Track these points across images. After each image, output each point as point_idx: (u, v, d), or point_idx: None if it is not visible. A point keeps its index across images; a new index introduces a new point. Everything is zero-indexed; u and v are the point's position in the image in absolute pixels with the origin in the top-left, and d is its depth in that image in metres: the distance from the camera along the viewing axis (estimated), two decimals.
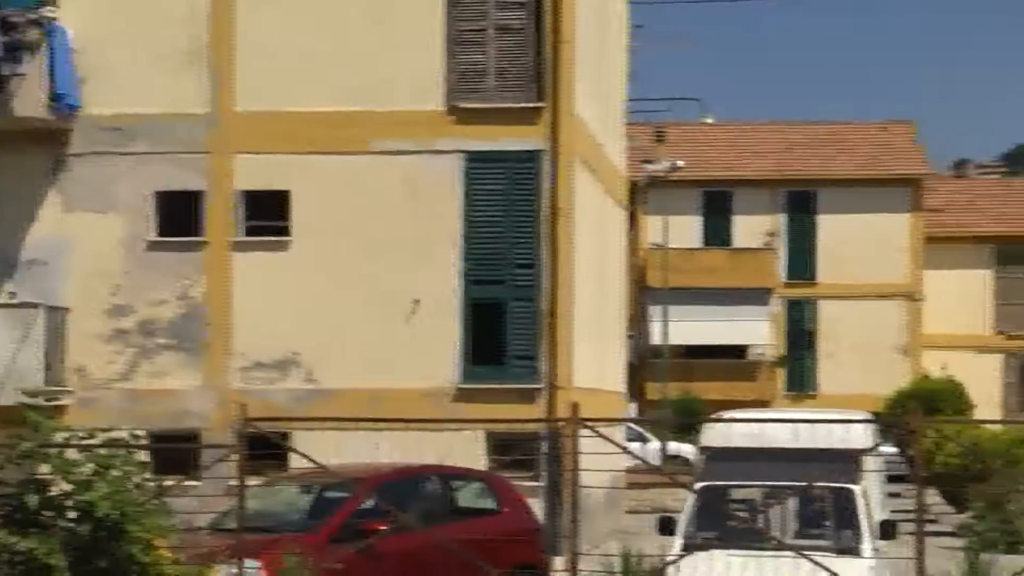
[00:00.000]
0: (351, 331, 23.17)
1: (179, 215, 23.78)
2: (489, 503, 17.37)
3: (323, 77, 23.45)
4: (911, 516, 13.73)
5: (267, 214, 23.66)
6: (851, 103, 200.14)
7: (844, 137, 57.60)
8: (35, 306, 22.68)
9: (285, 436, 16.96)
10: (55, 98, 22.81)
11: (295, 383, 23.24)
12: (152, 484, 13.40)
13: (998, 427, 32.34)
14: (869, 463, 16.19)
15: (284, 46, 23.50)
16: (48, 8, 22.98)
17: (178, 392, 23.45)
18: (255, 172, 23.65)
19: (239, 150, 23.62)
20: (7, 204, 23.66)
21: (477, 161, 23.35)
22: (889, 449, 19.20)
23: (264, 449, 15.33)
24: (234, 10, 23.65)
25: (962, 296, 57.32)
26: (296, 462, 16.20)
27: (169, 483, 14.26)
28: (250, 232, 23.71)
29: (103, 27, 23.64)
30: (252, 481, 14.57)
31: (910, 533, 13.34)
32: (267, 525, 14.88)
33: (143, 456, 13.61)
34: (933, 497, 27.99)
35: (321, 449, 15.64)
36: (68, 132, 23.58)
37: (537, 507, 19.16)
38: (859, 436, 16.37)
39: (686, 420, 39.00)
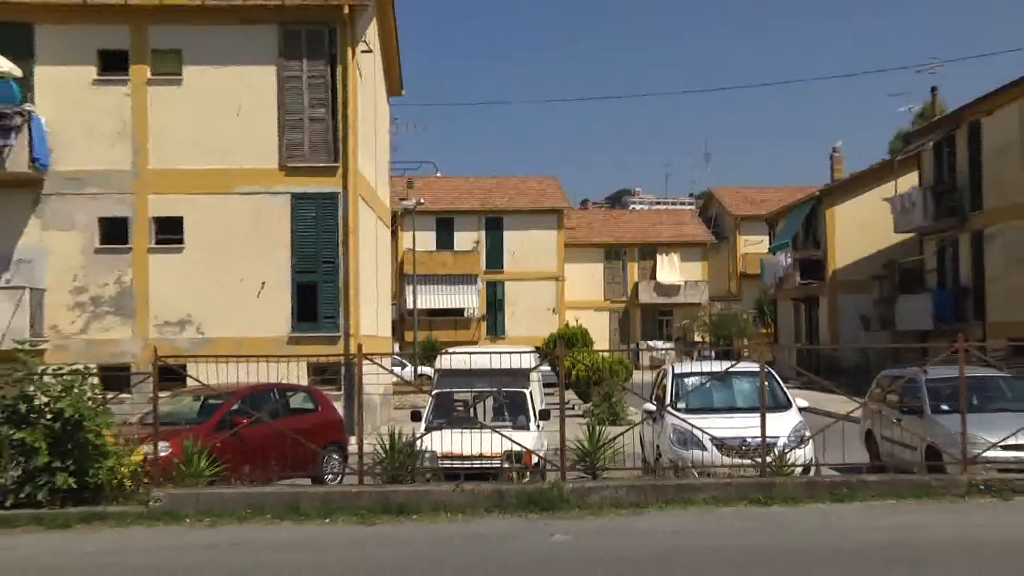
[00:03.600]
0: (224, 301, 22.64)
1: (115, 232, 22.83)
2: (310, 405, 17.28)
3: (203, 147, 22.82)
4: (557, 406, 14.15)
5: (170, 230, 22.91)
6: (522, 161, 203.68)
7: (519, 185, 58.35)
8: (23, 288, 21.61)
9: (184, 367, 16.49)
10: (33, 160, 21.83)
11: (190, 334, 22.58)
12: (100, 396, 13.08)
13: (606, 353, 33.47)
14: (533, 376, 16.68)
15: (180, 128, 22.80)
16: (28, 104, 21.97)
17: (116, 340, 22.56)
18: (162, 205, 22.86)
19: (151, 192, 22.79)
20: (5, 226, 22.53)
21: (300, 199, 22.97)
22: (545, 368, 19.72)
23: (171, 375, 15.07)
24: (146, 106, 22.81)
25: (586, 278, 59.00)
26: (191, 383, 15.86)
27: (111, 395, 13.89)
28: (159, 242, 22.93)
29: (65, 116, 22.56)
30: (163, 394, 14.27)
31: (557, 416, 13.74)
32: (173, 421, 14.57)
33: (96, 379, 13.30)
34: (570, 394, 28.86)
35: (207, 375, 15.42)
36: (42, 181, 22.44)
37: (340, 407, 19.13)
38: (528, 361, 16.85)
39: (428, 353, 39.14)
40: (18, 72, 21.90)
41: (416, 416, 15.51)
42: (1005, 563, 9.08)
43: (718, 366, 16.37)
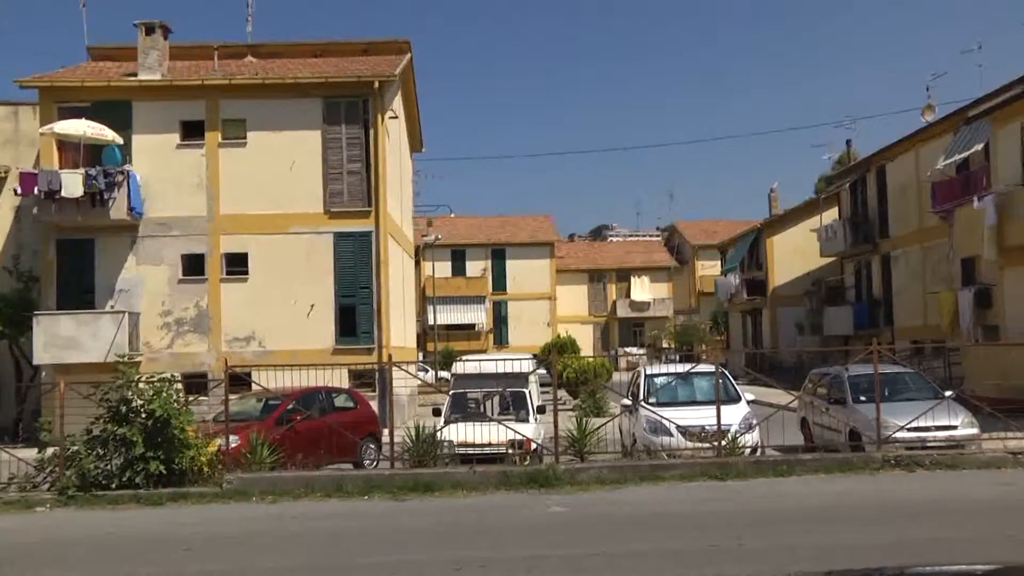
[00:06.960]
0: (281, 321, 22.68)
1: (194, 265, 22.94)
2: (351, 404, 17.19)
3: (264, 196, 22.92)
4: (551, 402, 14.15)
5: (238, 264, 22.99)
6: (521, 200, 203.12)
7: (519, 223, 58.24)
8: (123, 312, 21.70)
9: (249, 374, 16.53)
10: (131, 209, 22.01)
11: (254, 347, 22.61)
12: (183, 398, 13.11)
13: (591, 358, 33.40)
14: (532, 378, 16.66)
15: (244, 181, 22.92)
16: (127, 165, 22.20)
17: (196, 353, 22.61)
18: (231, 243, 22.95)
19: (223, 232, 22.88)
20: (110, 262, 22.67)
21: (341, 237, 23.04)
22: (542, 371, 19.66)
23: (239, 381, 15.07)
24: (219, 164, 22.96)
25: (574, 297, 58.75)
26: (255, 387, 15.87)
27: (192, 397, 13.92)
28: (228, 273, 23.00)
29: (155, 174, 22.73)
30: (233, 397, 14.29)
31: (552, 410, 13.74)
32: (241, 418, 14.59)
33: (180, 385, 13.31)
34: (562, 392, 28.67)
35: (268, 380, 15.43)
36: (138, 226, 22.62)
37: (375, 405, 19.11)
38: (527, 365, 16.85)
39: (446, 360, 38.99)
40: (120, 140, 22.22)
41: (437, 412, 15.48)
42: (909, 518, 9.16)
43: (682, 367, 16.38)
